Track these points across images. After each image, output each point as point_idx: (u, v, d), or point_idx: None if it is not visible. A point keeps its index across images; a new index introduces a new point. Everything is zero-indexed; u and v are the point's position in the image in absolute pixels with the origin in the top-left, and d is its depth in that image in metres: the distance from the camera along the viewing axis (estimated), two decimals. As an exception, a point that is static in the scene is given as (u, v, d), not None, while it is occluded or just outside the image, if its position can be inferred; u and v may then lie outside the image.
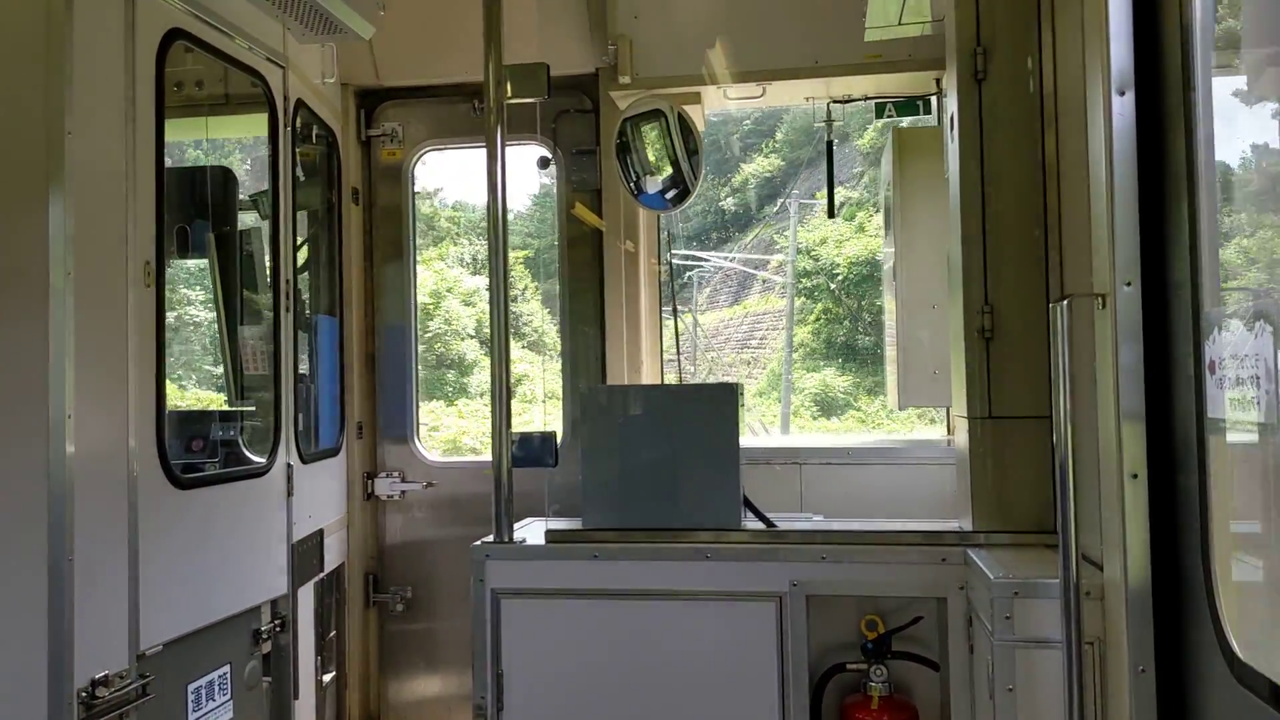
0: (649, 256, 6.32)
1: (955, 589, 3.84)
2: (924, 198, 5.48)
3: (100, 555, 3.46)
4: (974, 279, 3.92)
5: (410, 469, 6.27)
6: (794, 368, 27.94)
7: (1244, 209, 2.45)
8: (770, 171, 32.95)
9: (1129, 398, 2.65)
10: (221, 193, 5.16)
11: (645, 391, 5.12)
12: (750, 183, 33.17)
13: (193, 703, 4.06)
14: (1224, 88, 2.48)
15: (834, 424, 24.97)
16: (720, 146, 31.85)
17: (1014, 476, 3.87)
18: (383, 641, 6.26)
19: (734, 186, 33.17)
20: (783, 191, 31.82)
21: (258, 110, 4.96)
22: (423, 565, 6.22)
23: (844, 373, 27.32)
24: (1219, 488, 2.41)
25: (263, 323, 5.10)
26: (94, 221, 3.49)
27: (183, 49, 4.24)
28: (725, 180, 32.86)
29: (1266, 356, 2.05)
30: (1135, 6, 2.68)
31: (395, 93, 6.28)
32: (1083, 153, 2.95)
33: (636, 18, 5.65)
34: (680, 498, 4.22)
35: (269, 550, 4.74)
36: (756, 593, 3.97)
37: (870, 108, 6.03)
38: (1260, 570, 2.31)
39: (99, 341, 3.50)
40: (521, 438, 4.39)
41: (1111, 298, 2.68)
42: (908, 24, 5.15)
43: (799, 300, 29.09)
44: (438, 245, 24.58)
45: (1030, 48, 3.87)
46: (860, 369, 26.93)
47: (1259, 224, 2.39)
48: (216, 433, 5.18)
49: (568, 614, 4.10)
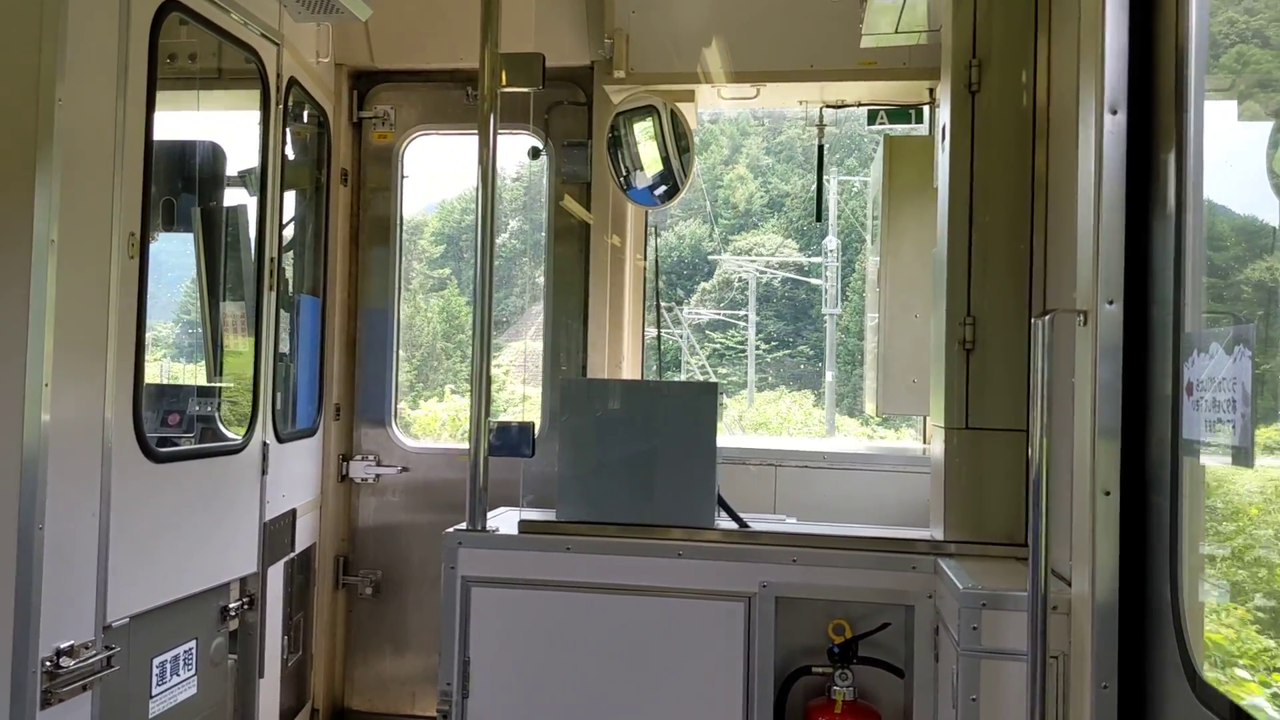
0: (635, 252, 6.32)
1: (924, 597, 3.86)
2: (912, 206, 5.50)
3: (71, 525, 3.44)
4: (957, 290, 3.93)
5: (386, 453, 6.26)
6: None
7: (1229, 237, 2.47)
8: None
9: (1105, 415, 2.67)
10: (210, 168, 5.14)
11: (625, 386, 5.12)
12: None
13: (157, 676, 4.05)
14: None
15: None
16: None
17: (988, 488, 3.89)
18: (350, 624, 6.25)
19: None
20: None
21: (250, 86, 4.94)
22: (394, 549, 6.22)
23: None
24: (1190, 508, 2.43)
25: (245, 299, 5.07)
26: (80, 191, 3.46)
27: (177, 21, 4.21)
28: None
29: (1244, 381, 2.06)
30: (1131, 26, 2.70)
31: (389, 75, 6.26)
32: (1072, 168, 2.97)
33: (634, 13, 5.65)
34: (655, 494, 4.22)
35: (240, 528, 4.73)
36: (726, 592, 3.98)
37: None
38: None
39: (80, 311, 3.48)
40: (499, 427, 4.39)
41: (1093, 315, 2.69)
42: (904, 32, 5.16)
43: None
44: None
45: (1025, 62, 3.88)
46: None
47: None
48: (193, 407, 5.16)
49: (538, 605, 4.10)
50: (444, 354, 28.15)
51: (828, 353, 29.17)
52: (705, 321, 32.83)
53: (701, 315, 32.43)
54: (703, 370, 31.25)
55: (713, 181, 34.52)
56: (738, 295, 33.14)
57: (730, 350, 33.23)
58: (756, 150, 35.64)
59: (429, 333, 28.34)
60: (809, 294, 32.06)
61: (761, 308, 33.15)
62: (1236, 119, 2.56)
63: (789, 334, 33.22)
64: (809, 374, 31.55)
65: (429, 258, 31.30)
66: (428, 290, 30.11)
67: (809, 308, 31.99)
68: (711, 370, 31.91)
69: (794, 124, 32.52)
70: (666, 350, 24.56)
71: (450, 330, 28.38)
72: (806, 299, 32.40)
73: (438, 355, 28.18)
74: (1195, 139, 2.49)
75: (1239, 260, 2.45)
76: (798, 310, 33.09)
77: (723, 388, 29.60)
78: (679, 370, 29.99)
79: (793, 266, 32.74)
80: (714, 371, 31.83)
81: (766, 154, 35.63)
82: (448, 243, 31.72)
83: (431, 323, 28.74)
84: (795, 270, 32.58)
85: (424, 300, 29.30)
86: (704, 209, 34.12)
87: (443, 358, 28.27)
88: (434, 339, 28.48)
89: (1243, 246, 2.42)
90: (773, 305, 33.59)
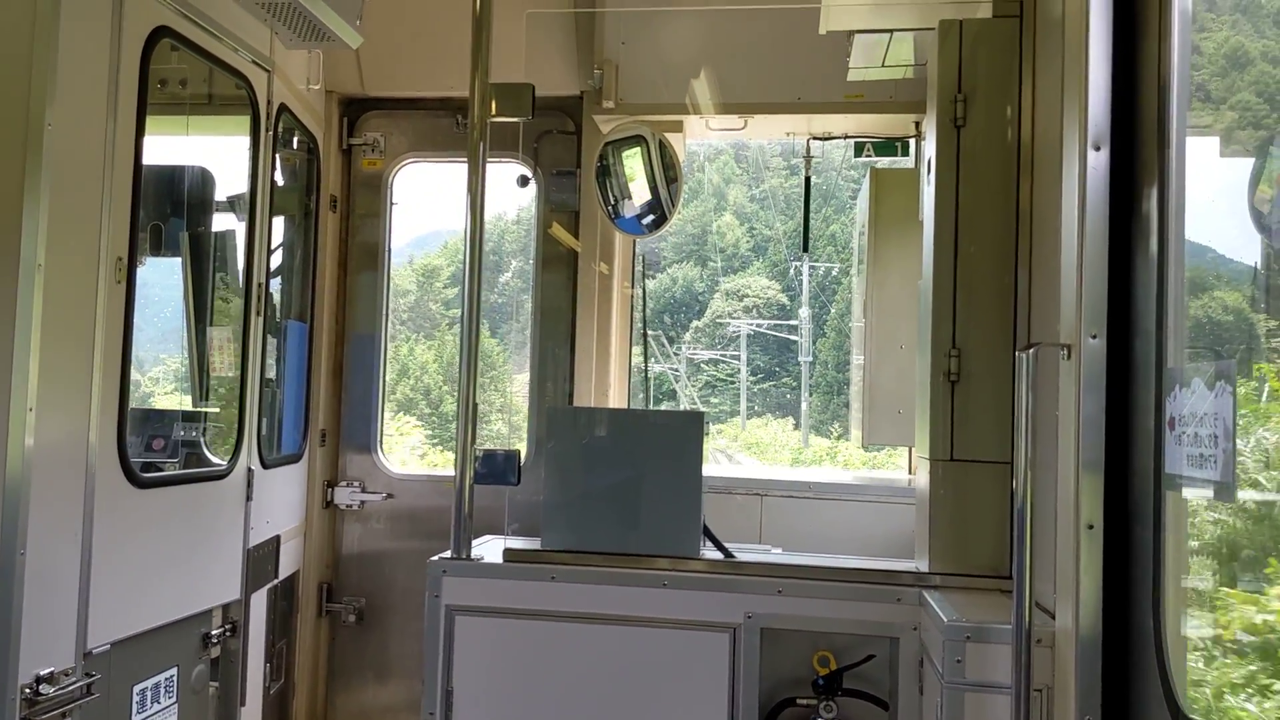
0: (622, 280, 6.33)
1: (909, 629, 3.86)
2: (898, 238, 5.54)
3: (52, 550, 3.42)
4: (942, 322, 3.95)
5: (371, 479, 6.24)
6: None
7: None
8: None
9: (1089, 449, 2.68)
10: (199, 192, 5.14)
11: (611, 415, 5.12)
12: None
13: (137, 704, 4.01)
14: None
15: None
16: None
17: (972, 520, 3.90)
18: (333, 651, 6.21)
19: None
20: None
21: (240, 112, 4.95)
22: (378, 576, 6.19)
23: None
24: (1173, 542, 2.45)
25: (231, 324, 5.07)
26: (68, 215, 3.46)
27: (169, 47, 4.23)
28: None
29: (1225, 417, 2.08)
30: (1114, 62, 2.73)
31: (379, 103, 6.28)
32: (1056, 202, 3.00)
33: (624, 44, 5.69)
34: (640, 523, 4.22)
35: (224, 554, 4.70)
36: (711, 623, 3.97)
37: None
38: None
39: (66, 335, 3.47)
40: (485, 454, 4.38)
41: (1077, 348, 2.71)
42: (891, 67, 5.20)
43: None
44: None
45: (1009, 97, 3.92)
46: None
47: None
48: (178, 432, 5.14)
49: (522, 634, 4.09)
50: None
51: (802, 388, 33.77)
52: (704, 359, 36.65)
53: (700, 354, 36.31)
54: (692, 402, 34.50)
55: (703, 228, 37.94)
56: (730, 333, 36.54)
57: (720, 382, 36.83)
58: (742, 198, 38.95)
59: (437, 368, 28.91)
60: (791, 330, 35.55)
61: (749, 343, 36.74)
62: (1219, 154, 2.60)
63: (774, 366, 36.77)
64: (790, 403, 35.26)
65: (445, 298, 32.12)
66: (451, 327, 30.69)
67: (791, 343, 35.48)
68: (704, 400, 35.48)
69: (776, 174, 36.94)
70: (660, 381, 25.63)
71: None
72: (788, 337, 35.90)
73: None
74: (1177, 175, 2.52)
75: (1219, 294, 2.48)
76: (781, 344, 36.59)
77: (715, 414, 35.14)
78: (676, 400, 33.27)
79: (776, 306, 36.38)
80: (707, 401, 35.32)
81: (750, 201, 38.87)
82: (457, 283, 32.57)
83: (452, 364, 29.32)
84: (779, 310, 36.29)
85: (452, 337, 29.89)
86: (695, 252, 37.60)
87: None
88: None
89: (1224, 281, 2.45)
90: (759, 341, 36.94)
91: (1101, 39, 2.72)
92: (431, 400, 29.48)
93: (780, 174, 37.36)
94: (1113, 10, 2.74)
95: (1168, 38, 2.55)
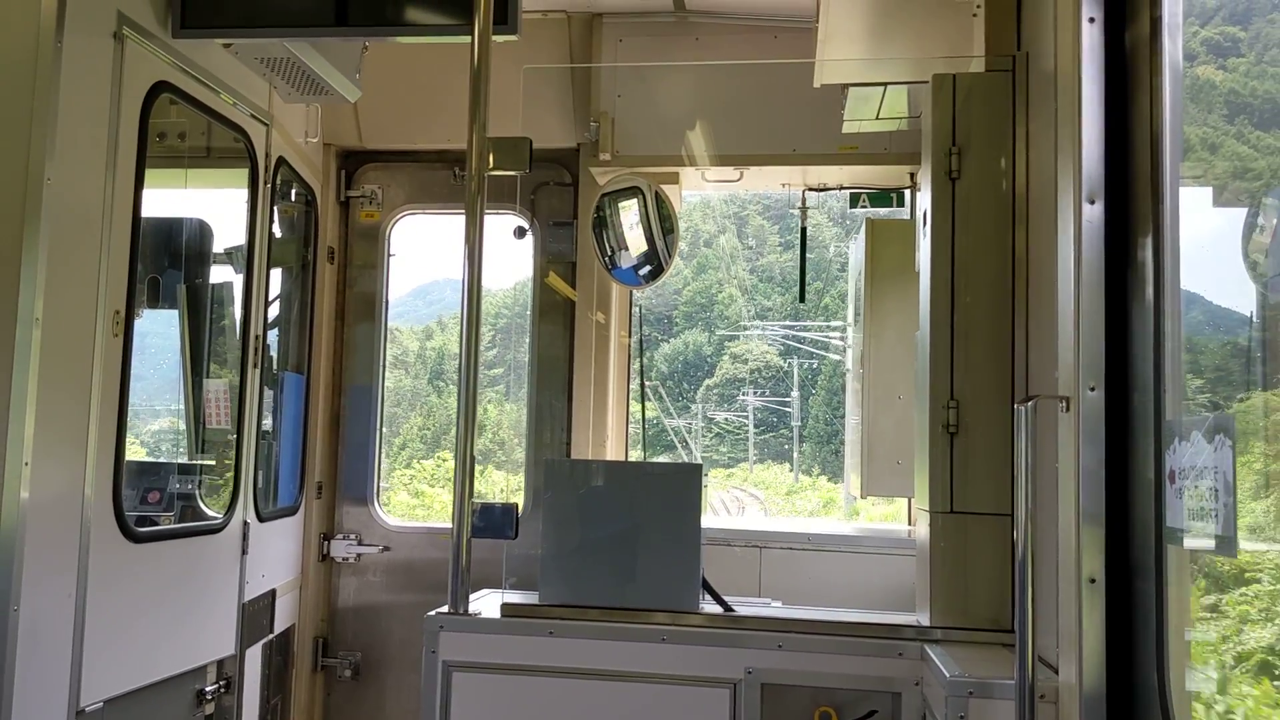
0: (619, 330, 6.34)
1: (911, 684, 3.82)
2: (894, 289, 5.55)
3: (46, 606, 3.39)
4: (940, 373, 3.95)
5: (368, 532, 6.21)
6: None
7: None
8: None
9: (1089, 501, 2.67)
10: (197, 245, 5.16)
11: (608, 467, 5.10)
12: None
13: (129, 763, 3.97)
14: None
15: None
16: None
17: (974, 572, 3.87)
18: (328, 707, 6.14)
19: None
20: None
21: (238, 165, 4.98)
22: (374, 631, 6.13)
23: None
24: (1175, 596, 2.43)
25: (228, 376, 5.06)
26: (66, 268, 3.47)
27: (168, 101, 4.26)
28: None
29: (1225, 470, 2.07)
30: (1107, 116, 2.75)
31: (377, 155, 6.32)
32: (1052, 254, 3.00)
33: (620, 97, 5.74)
34: (639, 577, 4.19)
35: (219, 609, 4.66)
36: (711, 678, 3.93)
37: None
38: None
39: (63, 389, 3.46)
40: (483, 508, 4.35)
41: (1075, 401, 2.71)
42: (885, 119, 5.24)
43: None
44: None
45: (1004, 149, 3.94)
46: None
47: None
48: (174, 485, 5.12)
49: (520, 690, 4.04)
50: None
51: (794, 440, 41.74)
52: (720, 420, 43.91)
53: (717, 415, 43.70)
54: (705, 453, 41.19)
55: (709, 298, 44.67)
56: (739, 393, 43.45)
57: (727, 432, 43.82)
58: (743, 274, 45.70)
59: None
60: (788, 389, 42.75)
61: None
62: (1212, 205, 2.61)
63: (772, 419, 43.42)
64: (788, 451, 42.20)
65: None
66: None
67: (787, 403, 42.56)
68: (713, 449, 42.48)
69: (773, 249, 43.90)
70: (674, 432, 26.65)
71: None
72: (783, 408, 42.97)
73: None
74: (1172, 227, 2.52)
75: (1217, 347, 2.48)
76: (780, 400, 43.43)
77: (724, 460, 42.61)
78: (690, 451, 38.95)
79: (773, 368, 43.41)
80: (716, 449, 42.70)
81: (751, 274, 45.46)
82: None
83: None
84: (775, 372, 43.43)
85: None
86: (702, 320, 44.47)
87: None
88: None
89: (1221, 333, 2.46)
90: (760, 395, 43.62)
91: (1094, 94, 2.74)
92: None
93: (776, 249, 43.63)
94: (1104, 64, 2.76)
95: (1159, 91, 2.58)
